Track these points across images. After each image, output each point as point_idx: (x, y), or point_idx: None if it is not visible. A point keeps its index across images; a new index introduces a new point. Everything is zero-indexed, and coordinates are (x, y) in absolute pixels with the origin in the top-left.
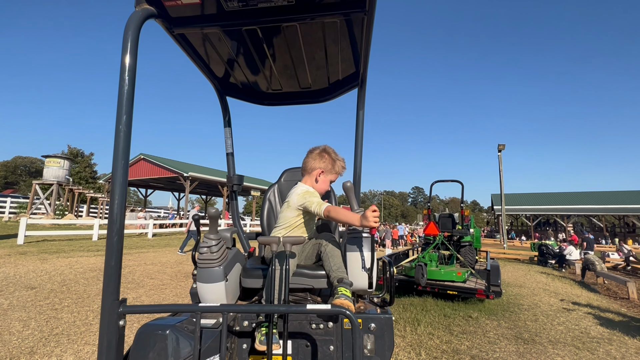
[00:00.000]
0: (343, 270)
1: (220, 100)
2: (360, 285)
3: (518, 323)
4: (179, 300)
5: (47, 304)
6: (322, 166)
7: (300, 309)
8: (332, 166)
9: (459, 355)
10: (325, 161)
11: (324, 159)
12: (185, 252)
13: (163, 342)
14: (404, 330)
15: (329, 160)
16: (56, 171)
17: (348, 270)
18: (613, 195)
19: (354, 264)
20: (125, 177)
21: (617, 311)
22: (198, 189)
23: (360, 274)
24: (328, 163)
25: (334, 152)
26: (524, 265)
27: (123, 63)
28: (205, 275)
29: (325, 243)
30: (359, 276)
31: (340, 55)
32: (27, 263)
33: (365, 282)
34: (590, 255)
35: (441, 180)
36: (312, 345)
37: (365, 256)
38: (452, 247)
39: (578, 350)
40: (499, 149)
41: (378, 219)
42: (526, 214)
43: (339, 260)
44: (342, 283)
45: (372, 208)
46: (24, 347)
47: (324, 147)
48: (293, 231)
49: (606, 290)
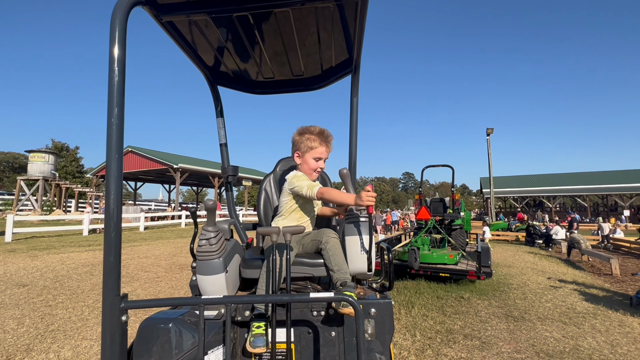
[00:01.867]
0: (345, 270)
1: (212, 90)
2: (360, 269)
3: (508, 302)
4: (175, 292)
5: (40, 300)
6: (295, 149)
7: (304, 297)
8: (303, 143)
9: (453, 335)
10: (296, 142)
11: (295, 142)
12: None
13: (166, 335)
14: (398, 313)
15: (298, 140)
16: (41, 166)
17: (347, 254)
18: (597, 176)
19: (353, 247)
20: (120, 171)
21: (601, 287)
22: (189, 180)
23: (359, 257)
24: (298, 143)
25: (302, 129)
26: (512, 246)
27: (112, 54)
28: (204, 268)
29: (326, 240)
30: (358, 259)
31: (333, 42)
32: (16, 260)
33: (365, 266)
34: (576, 234)
35: (432, 166)
36: (313, 332)
37: (364, 239)
38: (444, 231)
39: (565, 325)
40: (488, 132)
41: (373, 198)
42: (514, 196)
43: (341, 259)
44: (346, 287)
45: (367, 188)
46: (20, 345)
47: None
48: (291, 216)
49: (590, 268)
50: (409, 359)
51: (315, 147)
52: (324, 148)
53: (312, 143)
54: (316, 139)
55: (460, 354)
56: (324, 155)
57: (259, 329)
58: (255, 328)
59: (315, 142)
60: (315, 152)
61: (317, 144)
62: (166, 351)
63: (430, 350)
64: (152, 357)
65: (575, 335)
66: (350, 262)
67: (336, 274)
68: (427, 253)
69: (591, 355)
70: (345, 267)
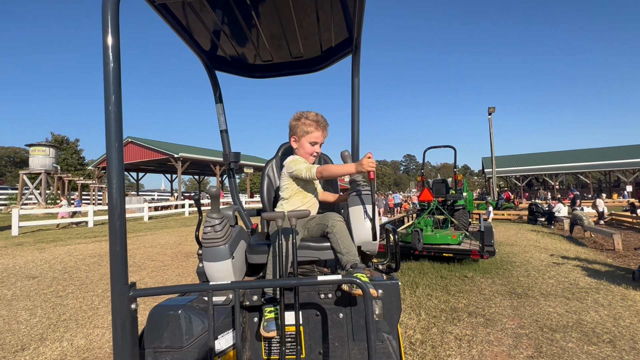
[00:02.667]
0: (354, 252)
1: (210, 76)
2: (365, 237)
3: (511, 279)
4: (182, 279)
5: (50, 291)
6: (292, 133)
7: (311, 280)
8: (300, 128)
9: (457, 313)
10: (293, 127)
11: (291, 126)
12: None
13: (176, 321)
14: (403, 294)
15: (295, 125)
16: (42, 160)
17: (352, 225)
18: (599, 152)
19: (357, 217)
20: (121, 160)
21: (604, 262)
22: (190, 170)
23: (363, 227)
24: (295, 128)
25: (299, 114)
26: (515, 225)
27: (105, 41)
28: (211, 255)
29: (332, 223)
30: (362, 229)
31: (332, 21)
32: (25, 253)
33: (369, 234)
34: (578, 211)
35: (434, 147)
36: (322, 314)
37: (367, 209)
38: (446, 212)
39: (568, 300)
40: (489, 111)
41: (374, 164)
42: (516, 175)
43: (349, 241)
44: (356, 269)
45: (367, 155)
46: (34, 334)
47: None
48: (293, 199)
49: (593, 244)
50: (414, 337)
51: (311, 131)
52: (320, 133)
53: (309, 128)
54: (312, 123)
55: (465, 331)
56: (319, 140)
57: (271, 314)
58: (267, 313)
59: (312, 126)
60: (312, 137)
61: (313, 129)
62: (177, 337)
63: (435, 328)
64: (163, 342)
65: (578, 309)
66: (354, 232)
67: (345, 257)
68: (430, 234)
69: (594, 328)
70: (353, 249)
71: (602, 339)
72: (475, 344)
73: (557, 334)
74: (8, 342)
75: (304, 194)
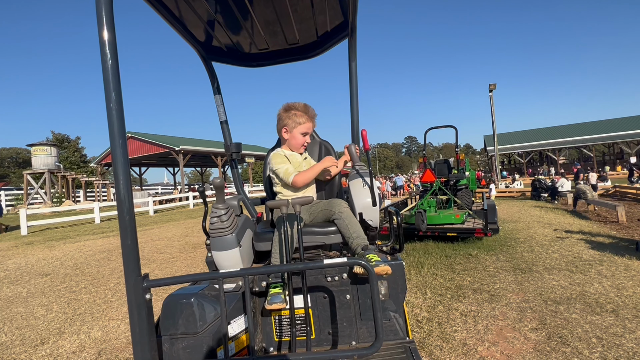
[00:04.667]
0: (363, 236)
1: (206, 67)
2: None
3: (515, 255)
4: (191, 270)
5: (64, 287)
6: (282, 125)
7: (318, 264)
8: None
9: (462, 290)
10: (283, 119)
11: (281, 118)
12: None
13: (190, 309)
14: (409, 274)
15: (285, 116)
16: (45, 159)
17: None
18: (602, 125)
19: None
20: (126, 156)
21: (607, 234)
22: (192, 162)
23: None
24: (285, 119)
25: (287, 105)
26: (518, 202)
27: (101, 37)
28: (219, 244)
29: (339, 210)
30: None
31: (326, 5)
32: (35, 252)
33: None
34: (582, 184)
35: (435, 127)
36: (329, 296)
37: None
38: (449, 192)
39: (572, 273)
40: (490, 89)
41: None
42: (518, 151)
43: (357, 226)
44: (368, 250)
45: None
46: (52, 329)
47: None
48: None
49: (597, 217)
50: (421, 315)
51: (302, 122)
52: (310, 123)
53: (300, 119)
54: (302, 114)
55: (470, 307)
56: (310, 130)
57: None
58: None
59: (302, 117)
60: (303, 128)
61: (305, 120)
62: (191, 323)
63: (441, 306)
64: (178, 330)
65: (581, 282)
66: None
67: (355, 240)
68: (433, 215)
69: (597, 299)
70: (362, 232)
71: (605, 309)
72: (481, 319)
73: (560, 306)
74: (28, 337)
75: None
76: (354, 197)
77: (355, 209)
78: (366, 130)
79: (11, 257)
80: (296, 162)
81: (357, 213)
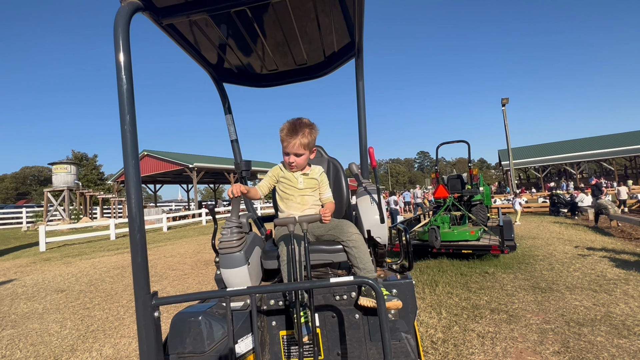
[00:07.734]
0: (371, 269)
1: (218, 88)
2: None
3: (534, 274)
4: (202, 287)
5: (78, 304)
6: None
7: (324, 283)
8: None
9: (479, 310)
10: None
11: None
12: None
13: (197, 327)
14: (423, 292)
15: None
16: (64, 177)
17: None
18: (622, 137)
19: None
20: (138, 175)
21: (633, 251)
22: (205, 179)
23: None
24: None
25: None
26: (536, 217)
27: (118, 61)
28: (227, 262)
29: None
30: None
31: (333, 26)
32: (52, 268)
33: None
34: (603, 199)
35: (447, 142)
36: (338, 316)
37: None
38: (463, 208)
39: (595, 293)
40: (503, 103)
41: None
42: (534, 166)
43: (367, 257)
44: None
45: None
46: (65, 346)
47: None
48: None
49: (620, 233)
50: (436, 336)
51: (283, 143)
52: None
53: (281, 139)
54: (282, 135)
55: (488, 329)
56: (291, 150)
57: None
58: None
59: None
60: (285, 148)
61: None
62: (199, 342)
63: (457, 326)
64: (186, 348)
65: (606, 302)
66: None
67: (362, 272)
68: (447, 231)
69: (624, 321)
70: (371, 265)
71: (633, 331)
72: (499, 341)
73: (584, 328)
74: (42, 354)
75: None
76: (362, 214)
77: (364, 227)
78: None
79: (29, 274)
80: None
81: (365, 230)
